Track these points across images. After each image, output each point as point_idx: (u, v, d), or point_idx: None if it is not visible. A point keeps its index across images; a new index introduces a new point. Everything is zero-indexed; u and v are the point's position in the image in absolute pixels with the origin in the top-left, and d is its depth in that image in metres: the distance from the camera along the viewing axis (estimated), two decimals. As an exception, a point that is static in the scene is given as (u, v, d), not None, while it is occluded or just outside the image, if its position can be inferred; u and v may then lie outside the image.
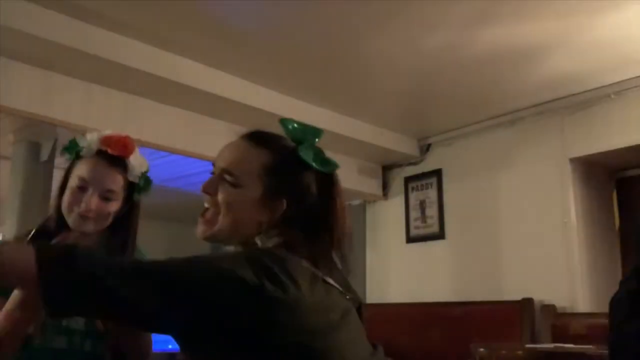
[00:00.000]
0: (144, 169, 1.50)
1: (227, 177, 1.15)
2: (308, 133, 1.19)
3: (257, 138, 1.22)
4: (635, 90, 3.38)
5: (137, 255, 1.54)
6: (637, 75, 3.32)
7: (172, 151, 3.39)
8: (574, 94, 3.58)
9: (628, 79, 3.36)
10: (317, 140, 1.19)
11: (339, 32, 2.83)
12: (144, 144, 3.26)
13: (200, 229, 1.17)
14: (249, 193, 1.13)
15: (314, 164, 1.14)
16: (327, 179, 1.17)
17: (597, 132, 3.52)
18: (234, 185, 1.14)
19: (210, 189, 1.17)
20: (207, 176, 1.29)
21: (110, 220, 1.44)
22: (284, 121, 1.21)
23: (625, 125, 3.40)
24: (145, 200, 1.55)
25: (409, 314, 4.07)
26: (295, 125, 1.20)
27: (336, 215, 1.17)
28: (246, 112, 3.44)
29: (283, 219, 1.13)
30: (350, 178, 4.45)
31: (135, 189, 1.49)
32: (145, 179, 1.51)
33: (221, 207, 1.13)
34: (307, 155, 1.15)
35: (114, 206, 1.44)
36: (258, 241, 1.12)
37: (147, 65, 2.89)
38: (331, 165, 1.17)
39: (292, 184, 1.14)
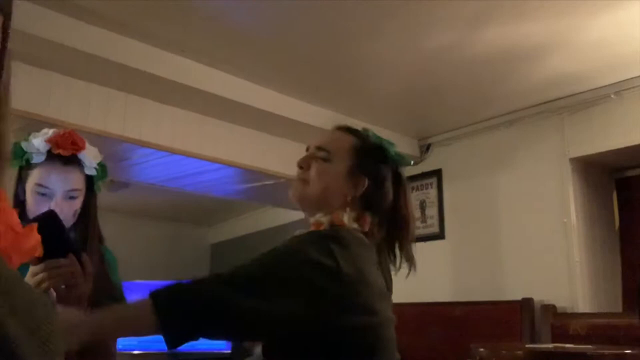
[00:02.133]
0: (98, 159, 1.52)
1: (320, 153, 1.34)
2: (389, 143, 1.47)
3: (347, 128, 1.44)
4: (635, 90, 3.38)
5: (103, 250, 1.56)
6: (637, 75, 3.32)
7: (172, 151, 3.39)
8: (574, 94, 3.58)
9: (628, 79, 3.36)
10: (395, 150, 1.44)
11: (339, 32, 2.83)
12: (144, 144, 3.26)
13: (295, 188, 1.34)
14: (337, 168, 1.32)
15: (393, 154, 1.41)
16: (400, 178, 1.41)
17: (597, 132, 3.52)
18: (325, 159, 1.33)
19: (303, 163, 1.36)
20: (207, 176, 1.38)
21: (76, 217, 1.47)
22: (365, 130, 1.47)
23: (625, 125, 3.40)
24: (145, 201, 1.56)
25: (409, 314, 4.07)
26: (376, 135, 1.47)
27: (409, 212, 1.39)
28: (246, 112, 3.44)
29: (363, 197, 1.29)
30: (350, 178, 4.45)
31: (93, 180, 1.50)
32: (102, 168, 1.53)
33: (312, 178, 1.31)
34: (388, 146, 1.43)
35: (79, 202, 1.47)
36: (342, 215, 1.26)
37: (146, 65, 2.89)
38: (406, 160, 1.45)
39: (373, 166, 1.34)
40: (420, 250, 4.90)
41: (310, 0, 2.54)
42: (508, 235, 3.87)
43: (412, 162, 1.31)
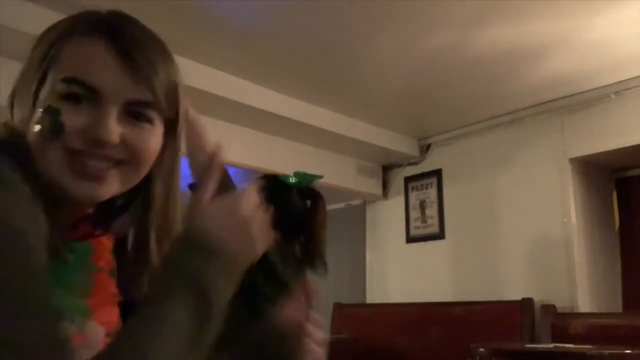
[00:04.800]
0: None
1: None
2: (298, 176, 1.62)
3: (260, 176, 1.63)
4: (635, 90, 3.38)
5: None
6: (637, 75, 3.32)
7: (172, 151, 3.39)
8: (574, 94, 3.58)
9: (628, 79, 3.36)
10: (309, 179, 1.61)
11: (339, 33, 2.83)
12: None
13: None
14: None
15: (288, 180, 1.57)
16: (307, 193, 1.58)
17: (597, 132, 3.52)
18: None
19: None
20: None
21: None
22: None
23: (625, 126, 3.40)
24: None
25: (409, 314, 4.07)
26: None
27: (319, 225, 1.58)
28: (246, 112, 3.44)
29: (275, 222, 1.40)
30: (350, 178, 4.45)
31: None
32: None
33: None
34: (285, 177, 1.58)
35: None
36: None
37: (147, 65, 2.89)
38: (306, 178, 1.60)
39: (273, 192, 1.42)
40: (420, 250, 4.90)
41: (310, 1, 2.54)
42: (508, 235, 3.87)
43: (306, 182, 1.50)
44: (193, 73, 3.08)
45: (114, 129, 0.64)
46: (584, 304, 3.49)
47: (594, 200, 3.77)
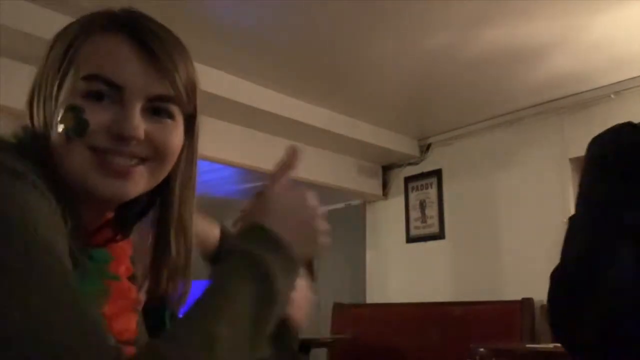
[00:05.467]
0: None
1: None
2: None
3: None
4: (635, 90, 3.38)
5: None
6: (637, 75, 3.32)
7: (172, 151, 3.39)
8: (574, 94, 3.58)
9: (628, 79, 3.36)
10: None
11: (339, 32, 2.83)
12: (143, 144, 3.26)
13: None
14: None
15: None
16: None
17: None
18: None
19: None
20: (207, 176, 1.41)
21: None
22: None
23: (625, 125, 3.40)
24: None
25: (409, 314, 4.07)
26: None
27: None
28: (246, 112, 3.44)
29: None
30: (350, 178, 4.45)
31: None
32: None
33: None
34: None
35: None
36: None
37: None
38: None
39: None
40: (420, 250, 4.90)
41: (310, 1, 2.54)
42: (508, 235, 3.87)
43: None
44: (193, 73, 3.09)
45: (139, 125, 0.64)
46: (584, 304, 3.49)
47: (594, 200, 3.76)
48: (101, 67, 0.64)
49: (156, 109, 0.67)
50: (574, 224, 1.02)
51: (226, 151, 3.61)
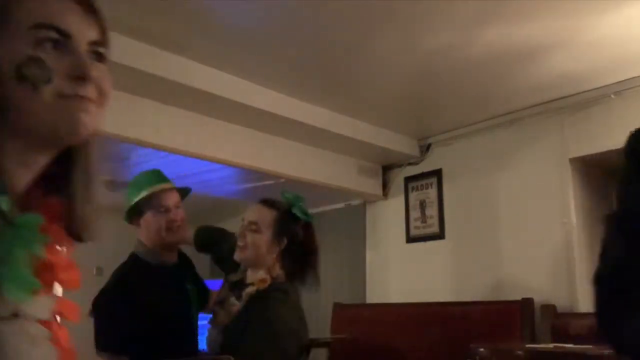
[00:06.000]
0: None
1: (252, 226, 1.99)
2: (298, 199, 2.04)
3: (269, 202, 2.07)
4: (635, 90, 3.38)
5: None
6: (637, 75, 3.32)
7: (172, 151, 3.39)
8: (574, 94, 3.58)
9: (628, 79, 3.36)
10: (302, 203, 2.03)
11: (339, 32, 2.83)
12: (144, 144, 3.26)
13: (237, 253, 2.01)
14: (265, 236, 1.97)
15: (300, 213, 2.00)
16: (309, 227, 2.01)
17: (597, 132, 3.52)
18: (255, 231, 1.98)
19: (241, 234, 2.01)
20: (207, 176, 1.57)
21: None
22: (283, 192, 2.09)
23: (625, 125, 3.34)
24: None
25: (409, 314, 4.07)
26: (289, 194, 2.08)
27: (317, 254, 2.00)
28: (246, 112, 3.44)
29: (285, 251, 1.95)
30: (350, 178, 4.45)
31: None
32: None
33: (248, 245, 1.96)
34: (298, 205, 2.01)
35: None
36: (273, 270, 1.95)
37: (146, 65, 2.89)
38: (310, 216, 2.02)
39: (288, 228, 1.98)
40: (420, 250, 4.92)
41: (310, 0, 2.54)
42: (508, 235, 3.87)
43: (311, 218, 2.08)
44: (193, 73, 3.09)
45: (92, 66, 0.70)
46: (584, 304, 3.49)
47: (594, 200, 3.76)
48: (51, 16, 0.68)
49: (94, 55, 0.73)
50: (616, 222, 1.01)
51: (226, 151, 3.61)
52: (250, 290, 1.92)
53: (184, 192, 2.37)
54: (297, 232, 1.98)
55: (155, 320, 1.93)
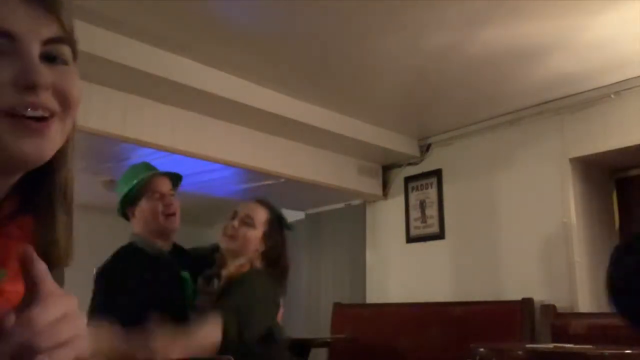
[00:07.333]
0: None
1: (248, 220, 2.10)
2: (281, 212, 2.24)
3: (266, 203, 2.19)
4: (635, 90, 3.38)
5: None
6: (637, 75, 3.32)
7: (172, 151, 3.39)
8: (574, 94, 3.58)
9: (628, 79, 3.36)
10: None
11: (339, 32, 2.83)
12: (144, 144, 3.26)
13: (227, 241, 2.09)
14: (257, 233, 2.08)
15: (286, 224, 2.18)
16: (286, 241, 2.16)
17: (597, 132, 3.52)
18: (250, 225, 2.09)
19: (235, 224, 2.11)
20: (207, 176, 1.61)
21: None
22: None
23: (625, 125, 3.40)
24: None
25: (409, 314, 4.07)
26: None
27: (287, 257, 2.15)
28: (246, 112, 3.44)
29: (264, 253, 2.08)
30: (350, 178, 4.45)
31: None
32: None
33: (240, 236, 2.06)
34: (285, 222, 2.19)
35: None
36: (256, 261, 2.06)
37: (146, 65, 2.89)
38: (291, 227, 2.21)
39: (275, 233, 2.13)
40: (420, 250, 4.91)
41: (310, 1, 2.54)
42: (508, 235, 3.87)
43: (292, 229, 2.28)
44: (193, 73, 3.09)
45: (43, 70, 0.60)
46: (584, 304, 3.49)
47: (594, 200, 3.77)
48: None
49: (50, 56, 0.62)
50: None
51: (226, 151, 3.62)
52: (228, 270, 2.02)
53: (175, 179, 2.32)
54: (280, 239, 2.13)
55: (150, 307, 1.91)
